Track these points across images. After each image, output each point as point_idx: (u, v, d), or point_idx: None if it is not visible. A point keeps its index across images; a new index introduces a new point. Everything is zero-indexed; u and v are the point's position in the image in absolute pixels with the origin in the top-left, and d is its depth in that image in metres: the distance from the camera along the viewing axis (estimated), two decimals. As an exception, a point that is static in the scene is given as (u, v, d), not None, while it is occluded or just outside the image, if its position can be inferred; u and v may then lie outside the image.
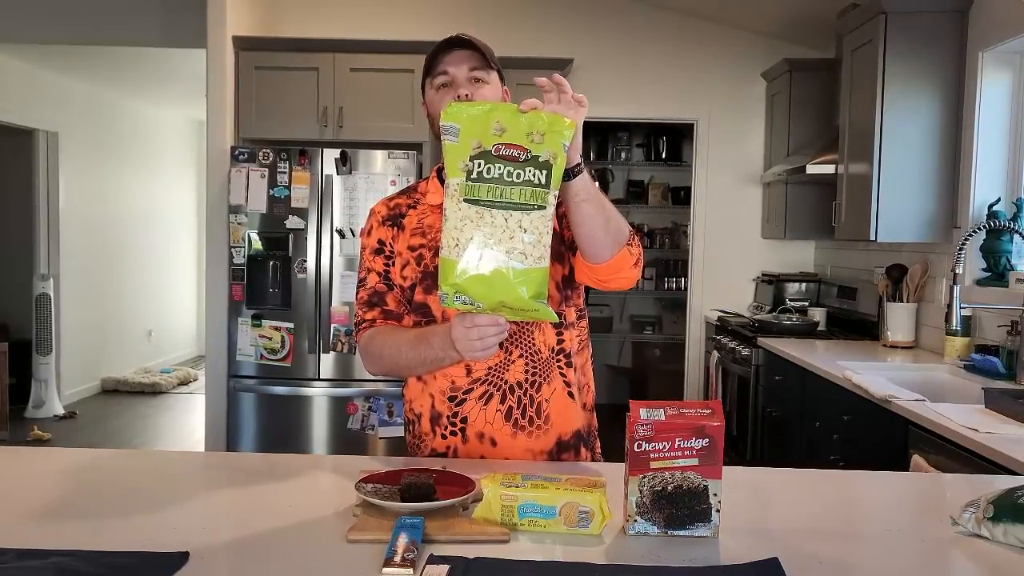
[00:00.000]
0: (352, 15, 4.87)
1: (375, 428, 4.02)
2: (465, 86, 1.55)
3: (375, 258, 1.67)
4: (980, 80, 3.25)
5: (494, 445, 1.59)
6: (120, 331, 7.36)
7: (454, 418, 1.60)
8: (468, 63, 1.56)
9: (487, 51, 1.57)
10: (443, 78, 1.56)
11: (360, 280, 1.70)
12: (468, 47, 1.55)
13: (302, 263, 4.02)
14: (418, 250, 1.63)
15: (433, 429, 1.63)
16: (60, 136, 6.40)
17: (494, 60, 1.58)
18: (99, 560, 1.06)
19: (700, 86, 5.01)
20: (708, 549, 1.15)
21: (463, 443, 1.60)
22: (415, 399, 1.66)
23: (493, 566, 1.07)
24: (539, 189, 1.30)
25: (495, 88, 1.58)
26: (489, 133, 1.32)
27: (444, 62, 1.56)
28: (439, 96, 1.57)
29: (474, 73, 1.56)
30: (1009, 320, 2.90)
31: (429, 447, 1.64)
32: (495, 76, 1.59)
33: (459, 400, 1.60)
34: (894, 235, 3.46)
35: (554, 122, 1.32)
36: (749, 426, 4.04)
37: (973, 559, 1.16)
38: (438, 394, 1.61)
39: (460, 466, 1.43)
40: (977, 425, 2.11)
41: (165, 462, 1.67)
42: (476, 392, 1.59)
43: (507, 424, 1.58)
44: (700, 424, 1.18)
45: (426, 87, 1.62)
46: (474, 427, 1.59)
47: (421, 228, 1.64)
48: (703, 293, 5.12)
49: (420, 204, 1.68)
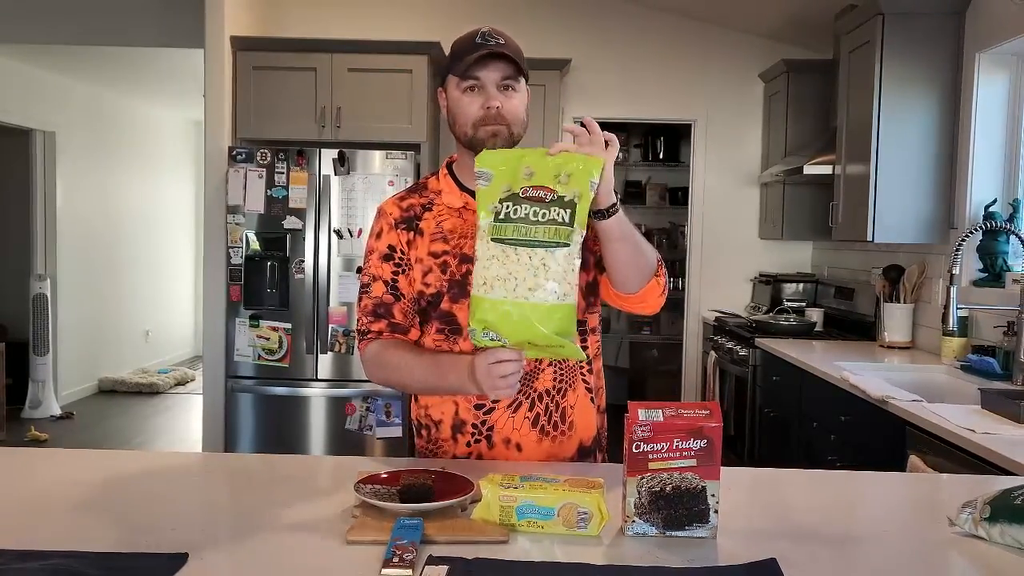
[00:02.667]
0: (350, 15, 4.87)
1: (373, 428, 4.02)
2: (495, 96, 1.52)
3: (383, 264, 1.63)
4: (977, 81, 3.26)
5: (519, 451, 1.58)
6: (117, 331, 7.35)
7: (481, 425, 1.59)
8: (500, 71, 1.53)
9: (519, 58, 1.54)
10: (472, 82, 1.53)
11: (364, 286, 1.65)
12: (503, 59, 1.52)
13: (300, 263, 4.02)
14: (442, 257, 1.58)
15: (455, 436, 1.61)
16: (58, 136, 6.40)
17: (524, 65, 1.55)
18: (98, 562, 1.06)
19: (698, 87, 5.02)
20: (706, 550, 1.15)
21: (488, 448, 1.59)
22: (432, 405, 1.63)
23: (492, 567, 1.07)
24: (563, 227, 1.32)
25: (523, 95, 1.57)
26: (519, 177, 1.35)
27: (476, 66, 1.52)
28: (465, 98, 1.54)
29: (505, 81, 1.54)
30: (1005, 321, 2.91)
31: (450, 454, 1.62)
32: (523, 83, 1.58)
33: (488, 409, 1.58)
34: (891, 236, 3.47)
35: (581, 161, 1.35)
36: (747, 427, 4.04)
37: (970, 560, 1.16)
38: (463, 402, 1.59)
39: (459, 467, 1.43)
40: (974, 426, 2.12)
41: (164, 463, 1.67)
42: (505, 401, 1.57)
43: (534, 430, 1.57)
44: (698, 425, 1.19)
45: (449, 81, 1.58)
46: (501, 433, 1.58)
47: (442, 233, 1.59)
48: (701, 293, 5.13)
49: (435, 204, 1.62)
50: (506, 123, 1.54)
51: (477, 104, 1.53)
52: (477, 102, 1.53)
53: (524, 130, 1.58)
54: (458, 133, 1.58)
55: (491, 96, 1.53)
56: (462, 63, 1.52)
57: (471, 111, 1.54)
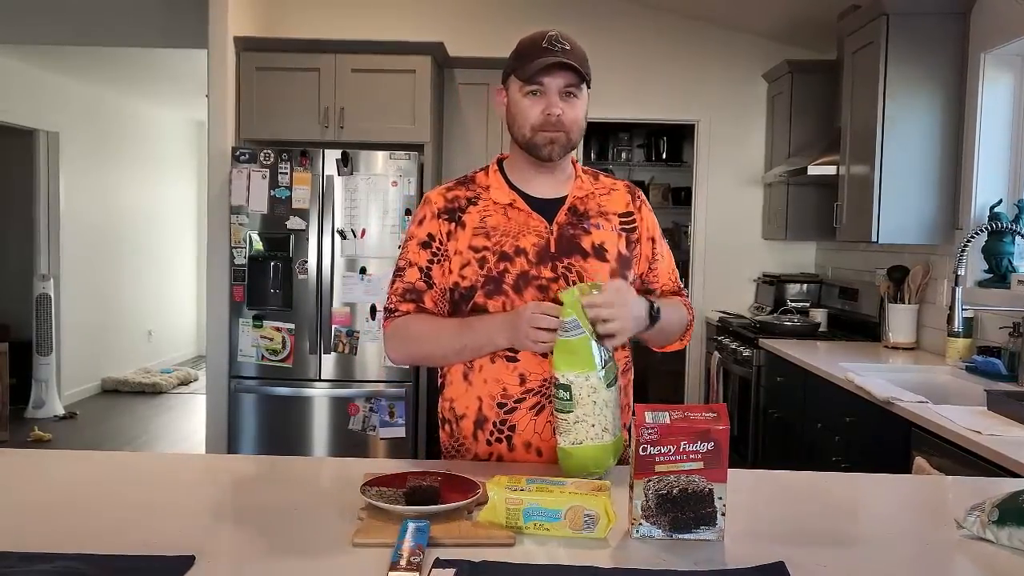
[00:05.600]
0: (353, 15, 4.87)
1: (376, 429, 4.01)
2: (556, 104, 1.54)
3: (420, 251, 1.62)
4: (981, 82, 3.25)
5: (540, 455, 1.57)
6: (120, 331, 7.36)
7: (502, 425, 1.58)
8: (565, 79, 1.54)
9: (584, 65, 1.55)
10: (536, 87, 1.55)
11: (398, 269, 1.64)
12: (569, 68, 1.53)
13: (303, 264, 4.02)
14: (482, 252, 1.57)
15: (476, 433, 1.60)
16: (61, 136, 6.40)
17: (588, 72, 1.56)
18: (105, 564, 1.06)
19: (701, 87, 5.01)
20: (713, 552, 1.15)
21: (509, 451, 1.58)
22: (457, 399, 1.63)
23: (498, 569, 1.07)
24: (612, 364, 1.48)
25: (584, 100, 1.59)
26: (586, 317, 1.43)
27: (542, 72, 1.53)
28: (526, 101, 1.56)
29: (568, 88, 1.55)
30: (1011, 322, 2.90)
31: (472, 452, 1.61)
32: (585, 89, 1.59)
33: (509, 408, 1.57)
34: (895, 236, 3.46)
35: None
36: (750, 428, 4.03)
37: (978, 563, 1.16)
38: (487, 398, 1.58)
39: (465, 469, 1.43)
40: (980, 427, 2.11)
41: (168, 465, 1.67)
42: (528, 402, 1.56)
43: (556, 436, 1.57)
44: (705, 428, 1.18)
45: (512, 82, 1.59)
46: (522, 436, 1.57)
47: (485, 228, 1.59)
48: (704, 294, 5.12)
49: (481, 199, 1.62)
50: (565, 130, 1.56)
51: (538, 109, 1.55)
52: (539, 107, 1.55)
53: (582, 136, 1.62)
54: (516, 135, 1.60)
55: (552, 104, 1.54)
56: (527, 68, 1.54)
57: (532, 115, 1.56)
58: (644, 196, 1.74)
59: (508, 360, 1.56)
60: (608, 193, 1.67)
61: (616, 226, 1.63)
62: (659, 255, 1.71)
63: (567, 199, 1.62)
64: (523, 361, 1.55)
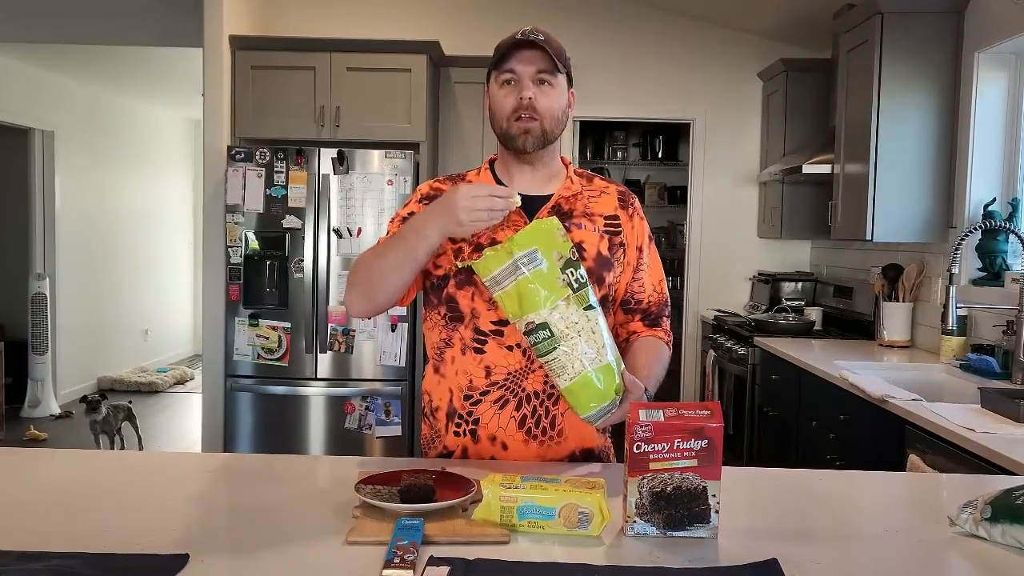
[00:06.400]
0: (349, 14, 4.87)
1: (372, 428, 4.02)
2: (529, 87, 1.53)
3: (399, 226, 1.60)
4: (976, 81, 3.26)
5: (505, 449, 1.58)
6: (116, 330, 7.35)
7: (468, 416, 1.59)
8: (536, 64, 1.53)
9: (557, 52, 1.54)
10: (508, 75, 1.54)
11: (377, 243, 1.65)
12: (537, 48, 1.52)
13: (299, 263, 4.01)
14: (459, 243, 1.56)
15: (447, 425, 1.61)
16: (56, 135, 6.39)
17: (563, 61, 1.55)
18: (99, 563, 1.06)
19: (696, 86, 5.02)
20: (707, 550, 1.15)
21: (474, 443, 1.59)
22: (433, 391, 1.64)
23: (493, 567, 1.07)
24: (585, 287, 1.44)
25: (560, 91, 1.57)
26: (559, 241, 1.42)
27: (512, 59, 1.53)
28: (502, 92, 1.56)
29: (541, 75, 1.54)
30: (1005, 320, 2.91)
31: (442, 444, 1.62)
32: (562, 79, 1.57)
33: (475, 400, 1.58)
34: (890, 235, 3.47)
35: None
36: (746, 426, 4.04)
37: (971, 560, 1.16)
38: (456, 390, 1.59)
39: (460, 467, 1.43)
40: (974, 425, 2.12)
41: (163, 464, 1.67)
42: (492, 395, 1.57)
43: (520, 431, 1.56)
44: (699, 425, 1.19)
45: (491, 79, 1.59)
46: (486, 429, 1.58)
47: None
48: (699, 292, 5.13)
49: None
50: (539, 118, 1.54)
51: (512, 97, 1.54)
52: (512, 95, 1.54)
53: (561, 130, 1.60)
54: (495, 128, 1.59)
55: (524, 87, 1.53)
56: (501, 55, 1.54)
57: (507, 104, 1.55)
58: (639, 204, 1.72)
59: (475, 352, 1.56)
60: (599, 195, 1.66)
61: (599, 227, 1.61)
62: (644, 264, 1.69)
63: (552, 197, 1.62)
64: (489, 353, 1.55)
